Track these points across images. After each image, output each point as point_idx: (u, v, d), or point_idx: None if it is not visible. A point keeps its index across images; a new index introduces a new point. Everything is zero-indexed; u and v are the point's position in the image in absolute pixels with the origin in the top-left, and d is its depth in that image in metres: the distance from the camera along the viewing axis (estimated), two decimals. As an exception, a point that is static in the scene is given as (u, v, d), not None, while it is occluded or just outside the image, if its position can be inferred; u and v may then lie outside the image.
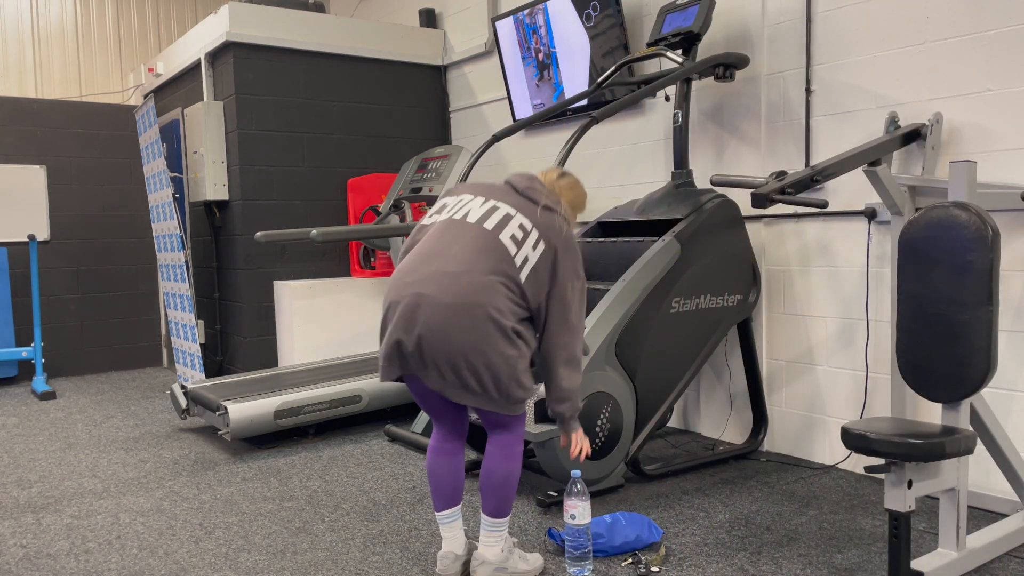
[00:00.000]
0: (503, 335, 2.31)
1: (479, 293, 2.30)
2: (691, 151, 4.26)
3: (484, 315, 2.29)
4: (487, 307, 2.29)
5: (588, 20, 4.59)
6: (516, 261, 2.37)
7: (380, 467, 3.79)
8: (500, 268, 2.34)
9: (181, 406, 4.51)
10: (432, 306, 2.29)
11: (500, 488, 2.46)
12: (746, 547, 2.76)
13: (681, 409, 4.37)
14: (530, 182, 2.52)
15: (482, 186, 2.56)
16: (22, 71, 7.08)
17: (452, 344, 2.28)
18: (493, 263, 2.34)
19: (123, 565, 2.74)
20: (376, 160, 5.91)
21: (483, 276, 2.32)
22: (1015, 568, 2.54)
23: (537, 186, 2.52)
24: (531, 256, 2.39)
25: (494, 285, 2.32)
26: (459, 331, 2.27)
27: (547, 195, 2.50)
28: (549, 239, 2.41)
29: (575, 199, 2.64)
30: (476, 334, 2.28)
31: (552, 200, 2.49)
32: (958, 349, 2.31)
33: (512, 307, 2.35)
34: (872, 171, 2.94)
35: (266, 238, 4.58)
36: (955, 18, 3.15)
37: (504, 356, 2.30)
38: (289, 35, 5.46)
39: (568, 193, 2.61)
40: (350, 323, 5.48)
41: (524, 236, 2.40)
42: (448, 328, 2.28)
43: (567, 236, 2.45)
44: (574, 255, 2.45)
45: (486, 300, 2.30)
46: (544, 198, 2.48)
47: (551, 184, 2.61)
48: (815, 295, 3.71)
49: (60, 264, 6.57)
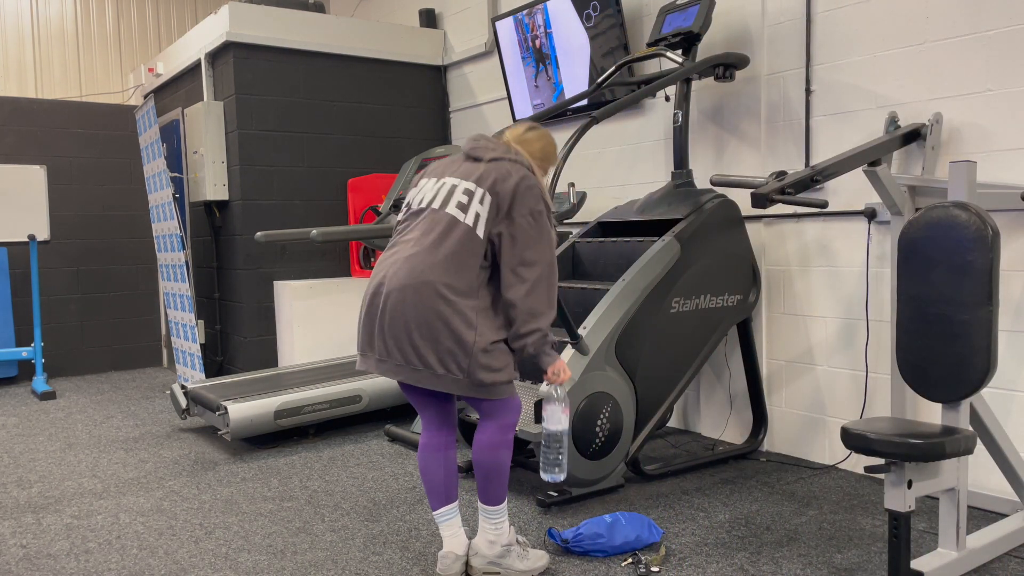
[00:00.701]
0: (455, 313, 2.34)
1: (427, 271, 2.34)
2: (691, 151, 4.26)
3: (433, 292, 2.33)
4: (435, 284, 2.33)
5: (588, 20, 4.59)
6: (468, 221, 2.39)
7: (380, 467, 3.79)
8: (455, 243, 2.37)
9: (181, 406, 4.51)
10: (388, 292, 2.37)
11: (488, 476, 2.48)
12: (746, 547, 2.76)
13: (681, 409, 4.37)
14: (475, 143, 2.55)
15: (439, 165, 2.60)
16: (22, 71, 7.08)
17: (406, 321, 2.34)
18: (445, 239, 2.38)
19: (123, 565, 2.74)
20: (376, 160, 5.91)
21: (433, 255, 2.37)
22: (1015, 568, 2.54)
23: (483, 144, 2.53)
24: (480, 211, 2.40)
25: (446, 262, 2.36)
26: (411, 307, 2.33)
27: (494, 149, 2.50)
28: (495, 188, 2.41)
29: (543, 148, 2.61)
30: (425, 309, 2.33)
31: (502, 151, 2.49)
32: (958, 349, 2.31)
33: (471, 282, 2.37)
34: (872, 171, 2.94)
35: (266, 238, 4.58)
36: (955, 18, 3.15)
37: (456, 334, 2.33)
38: (289, 35, 5.46)
39: (534, 144, 2.60)
40: (350, 323, 5.48)
41: (469, 199, 2.43)
42: (402, 307, 2.34)
43: (521, 179, 2.42)
44: (533, 196, 2.41)
45: (435, 278, 2.34)
46: (490, 152, 2.49)
47: (517, 138, 2.60)
48: (815, 295, 3.71)
49: (60, 264, 6.57)
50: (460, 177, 2.48)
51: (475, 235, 2.39)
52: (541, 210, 2.42)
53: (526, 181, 2.43)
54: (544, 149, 2.62)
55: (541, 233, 2.41)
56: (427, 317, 2.33)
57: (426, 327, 2.33)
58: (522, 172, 2.45)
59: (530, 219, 2.40)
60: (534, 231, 2.40)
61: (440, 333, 2.33)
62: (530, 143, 2.60)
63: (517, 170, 2.45)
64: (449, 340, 2.33)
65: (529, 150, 2.59)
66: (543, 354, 2.44)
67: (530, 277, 2.38)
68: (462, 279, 2.37)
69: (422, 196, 2.53)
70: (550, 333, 2.43)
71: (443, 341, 2.33)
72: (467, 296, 2.37)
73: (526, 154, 2.56)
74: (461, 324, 2.34)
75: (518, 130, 2.63)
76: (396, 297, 2.36)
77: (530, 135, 2.61)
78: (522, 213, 2.40)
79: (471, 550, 2.54)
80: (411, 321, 2.34)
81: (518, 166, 2.47)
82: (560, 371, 2.46)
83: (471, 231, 2.39)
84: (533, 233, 2.40)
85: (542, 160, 2.62)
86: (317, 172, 5.66)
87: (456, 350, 2.34)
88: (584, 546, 2.70)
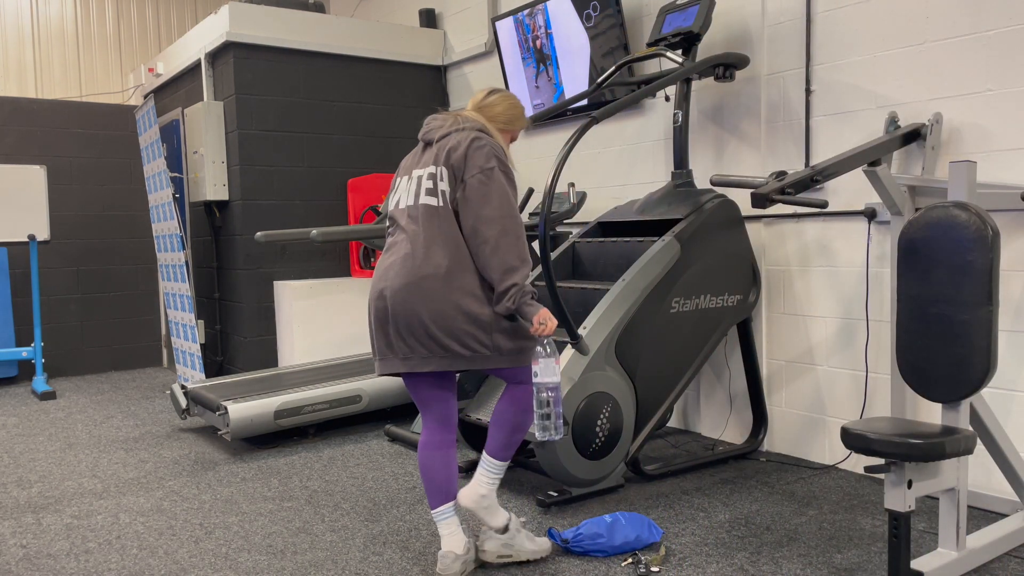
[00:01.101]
0: (463, 293, 2.38)
1: (423, 265, 2.40)
2: (691, 151, 4.26)
3: (435, 281, 2.38)
4: (435, 273, 2.38)
5: (588, 20, 4.59)
6: (440, 203, 2.45)
7: (380, 467, 3.79)
8: (437, 228, 2.43)
9: (181, 406, 4.51)
10: (393, 295, 2.42)
11: (509, 431, 2.55)
12: (746, 547, 2.76)
13: (681, 409, 4.37)
14: (426, 127, 2.58)
15: (405, 162, 2.64)
16: (22, 71, 7.08)
17: (420, 317, 2.38)
18: (429, 229, 2.43)
19: (123, 565, 2.74)
20: (376, 160, 5.91)
21: (424, 247, 2.42)
22: (1015, 568, 2.54)
23: (433, 125, 2.57)
24: (445, 189, 2.45)
25: (438, 249, 2.41)
26: (420, 302, 2.37)
27: (441, 126, 2.53)
28: (449, 162, 2.44)
29: (505, 111, 2.60)
30: (434, 300, 2.37)
31: (449, 125, 2.51)
32: (958, 349, 2.31)
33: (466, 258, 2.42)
34: (872, 171, 2.94)
35: (266, 238, 4.58)
36: (955, 18, 3.15)
37: (470, 314, 2.38)
38: (289, 35, 5.46)
39: (496, 107, 2.59)
40: (350, 323, 5.48)
41: (433, 182, 2.47)
42: (411, 305, 2.38)
43: (470, 143, 2.44)
44: (482, 155, 2.42)
45: (433, 268, 2.39)
46: (439, 131, 2.52)
47: (476, 104, 2.61)
48: (815, 295, 3.71)
49: (60, 264, 6.57)
50: (422, 166, 2.53)
51: (451, 212, 2.44)
52: (492, 167, 2.41)
53: (475, 143, 2.44)
54: (508, 112, 2.61)
55: (491, 189, 2.40)
56: (438, 306, 2.37)
57: (440, 316, 2.37)
58: (470, 136, 2.46)
59: (480, 177, 2.40)
60: (485, 187, 2.39)
61: (454, 318, 2.37)
62: (491, 107, 2.60)
63: (465, 136, 2.46)
64: (465, 322, 2.38)
65: (490, 114, 2.59)
66: (525, 306, 2.39)
67: (491, 234, 2.37)
68: (457, 259, 2.41)
69: (398, 197, 2.58)
70: (527, 285, 2.40)
71: (460, 324, 2.38)
72: (467, 272, 2.41)
73: (485, 119, 2.57)
74: (472, 302, 2.38)
75: (478, 96, 2.64)
76: (401, 297, 2.40)
77: (491, 99, 2.61)
78: (471, 173, 2.41)
79: (481, 536, 2.60)
80: (424, 315, 2.38)
81: (466, 132, 2.48)
82: (546, 320, 2.38)
83: (447, 210, 2.44)
84: (484, 190, 2.39)
85: (506, 123, 2.60)
86: (317, 172, 5.66)
87: (474, 329, 2.38)
88: (584, 546, 2.70)
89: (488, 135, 2.50)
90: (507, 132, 2.62)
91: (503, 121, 2.60)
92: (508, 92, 2.64)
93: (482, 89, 2.67)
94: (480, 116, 2.57)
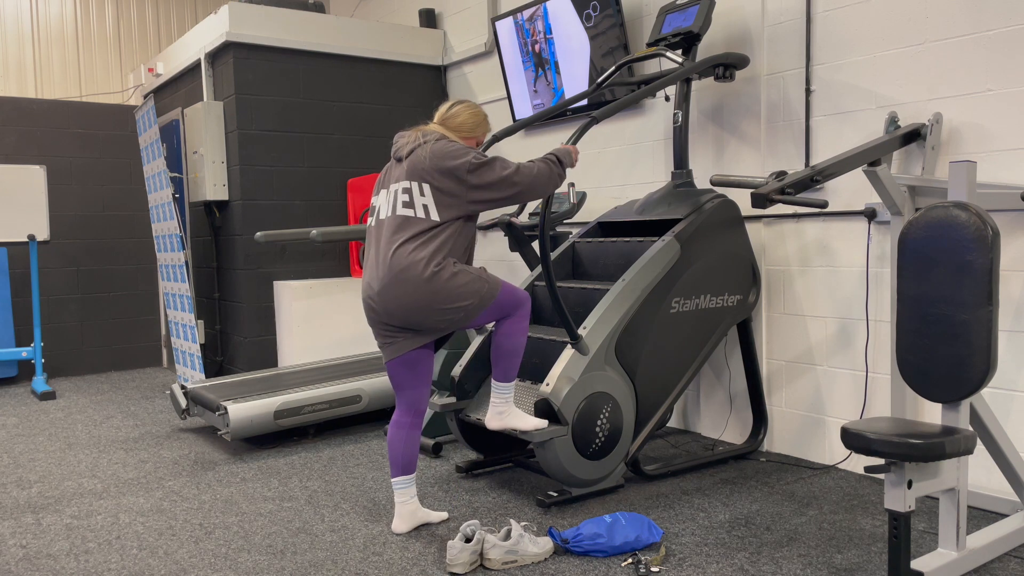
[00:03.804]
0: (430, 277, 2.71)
1: (397, 264, 2.72)
2: (691, 151, 4.26)
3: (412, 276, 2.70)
4: (408, 270, 2.70)
5: (588, 20, 4.59)
6: (420, 214, 2.75)
7: (380, 467, 3.79)
8: (410, 234, 2.73)
9: (181, 406, 4.51)
10: (381, 295, 2.77)
11: (507, 356, 2.95)
12: (746, 547, 2.76)
13: (681, 409, 4.37)
14: (395, 144, 2.89)
15: (382, 176, 2.95)
16: (22, 71, 7.08)
17: (405, 305, 2.73)
18: (403, 235, 2.74)
19: (123, 565, 2.74)
20: (376, 160, 5.91)
21: (398, 250, 2.73)
22: (1015, 568, 2.54)
23: (400, 143, 2.87)
24: (427, 201, 2.75)
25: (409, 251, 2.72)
26: (402, 294, 2.72)
27: (407, 143, 2.83)
28: (423, 177, 2.75)
29: (466, 120, 2.89)
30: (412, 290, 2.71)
31: (412, 142, 2.81)
32: (958, 349, 2.31)
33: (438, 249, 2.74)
34: (872, 171, 2.95)
35: (266, 238, 4.58)
36: (955, 18, 3.15)
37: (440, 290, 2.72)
38: (289, 35, 5.46)
39: (457, 118, 2.88)
40: (350, 323, 5.48)
41: (409, 195, 2.78)
42: (394, 300, 2.74)
43: (433, 155, 2.74)
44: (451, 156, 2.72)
45: (406, 264, 2.70)
46: (405, 148, 2.83)
47: (440, 118, 2.90)
48: (815, 295, 3.71)
49: (60, 264, 6.57)
50: (395, 180, 2.83)
51: (429, 219, 2.74)
52: (467, 160, 2.72)
53: (438, 151, 2.74)
54: (469, 120, 2.89)
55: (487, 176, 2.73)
56: (412, 299, 2.72)
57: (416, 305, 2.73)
58: (430, 148, 2.76)
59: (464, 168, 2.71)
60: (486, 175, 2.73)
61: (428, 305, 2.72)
62: (454, 117, 2.89)
63: (425, 149, 2.77)
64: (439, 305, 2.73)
65: (453, 124, 2.87)
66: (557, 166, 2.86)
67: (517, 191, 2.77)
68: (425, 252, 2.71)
69: (378, 207, 2.89)
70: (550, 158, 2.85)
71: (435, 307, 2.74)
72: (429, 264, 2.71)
73: (448, 130, 2.86)
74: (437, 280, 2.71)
75: (443, 109, 2.92)
76: (384, 295, 2.75)
77: (453, 110, 2.90)
78: (456, 175, 2.72)
79: (486, 543, 2.60)
80: (408, 303, 2.72)
81: (426, 145, 2.77)
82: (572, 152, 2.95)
83: (424, 219, 2.74)
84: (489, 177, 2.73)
85: (470, 130, 2.89)
86: (317, 172, 5.66)
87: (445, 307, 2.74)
88: (584, 546, 2.70)
89: (447, 139, 2.80)
90: (471, 139, 2.91)
91: (467, 129, 2.89)
92: (470, 102, 2.93)
93: (447, 102, 2.93)
94: (443, 128, 2.86)
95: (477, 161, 2.72)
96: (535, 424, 3.00)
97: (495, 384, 3.03)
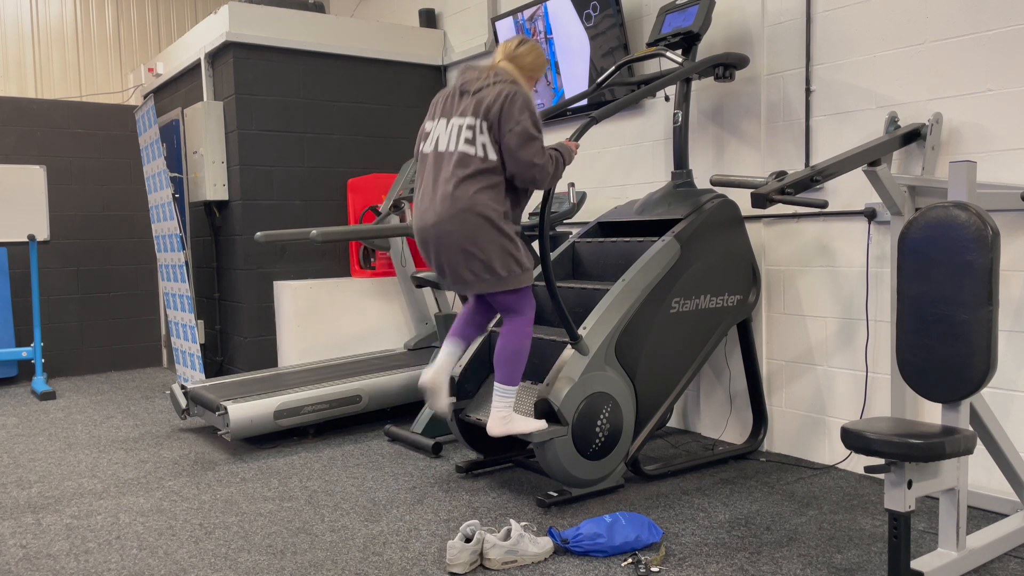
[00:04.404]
0: (491, 225, 2.84)
1: (460, 202, 2.82)
2: (691, 151, 4.26)
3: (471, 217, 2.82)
4: (470, 210, 2.82)
5: (588, 20, 4.59)
6: (479, 154, 2.84)
7: (380, 467, 3.79)
8: (471, 171, 2.84)
9: (181, 406, 4.51)
10: (436, 227, 2.87)
11: (510, 361, 3.00)
12: (746, 547, 2.76)
13: (681, 409, 4.37)
14: (463, 76, 2.97)
15: (439, 106, 3.02)
16: (22, 71, 7.08)
17: (452, 249, 2.86)
18: (464, 171, 2.84)
19: (123, 565, 2.74)
20: (376, 160, 5.91)
21: (461, 186, 2.83)
22: (1015, 568, 2.54)
23: (470, 76, 2.95)
24: (485, 140, 2.85)
25: (472, 190, 2.83)
26: (456, 231, 2.83)
27: (479, 79, 2.92)
28: (488, 116, 2.84)
29: (533, 61, 3.01)
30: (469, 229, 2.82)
31: (484, 79, 2.90)
32: (958, 349, 2.31)
33: (496, 196, 2.86)
34: (872, 171, 2.94)
35: (266, 238, 4.57)
36: (955, 18, 3.15)
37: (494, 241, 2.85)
38: (289, 35, 5.46)
39: (525, 58, 2.99)
40: (350, 323, 5.48)
41: (472, 132, 2.87)
42: (447, 239, 2.85)
43: (505, 99, 2.83)
44: (516, 108, 2.81)
45: (469, 204, 2.82)
46: (475, 84, 2.91)
47: (508, 54, 2.99)
48: (815, 295, 3.71)
49: (60, 264, 6.57)
50: (459, 115, 2.91)
51: (488, 160, 2.84)
52: (523, 119, 2.81)
53: (509, 99, 2.82)
54: (535, 61, 3.01)
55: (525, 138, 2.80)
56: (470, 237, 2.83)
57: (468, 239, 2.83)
58: (505, 91, 2.84)
59: (518, 130, 2.80)
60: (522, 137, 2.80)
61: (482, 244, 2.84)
62: (521, 57, 2.99)
63: (500, 90, 2.85)
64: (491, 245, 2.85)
65: (520, 64, 2.97)
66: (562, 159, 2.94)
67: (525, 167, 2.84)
68: (480, 199, 2.82)
69: (436, 138, 2.97)
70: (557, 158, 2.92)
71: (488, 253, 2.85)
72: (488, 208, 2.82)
73: (515, 69, 2.96)
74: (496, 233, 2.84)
75: (510, 45, 3.01)
76: (439, 228, 2.86)
77: (520, 49, 3.00)
78: (510, 127, 2.80)
79: (484, 543, 2.60)
80: (455, 241, 2.84)
81: (500, 86, 2.86)
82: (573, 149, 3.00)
83: (484, 159, 2.84)
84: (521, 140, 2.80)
85: (532, 71, 3.01)
86: (317, 172, 5.66)
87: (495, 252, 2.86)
88: (584, 546, 2.70)
89: (519, 87, 2.87)
90: (532, 79, 3.04)
91: (529, 70, 3.00)
92: (533, 42, 3.02)
93: (512, 38, 3.05)
94: (511, 66, 2.96)
95: (528, 132, 2.80)
96: (536, 426, 3.01)
97: (497, 387, 3.03)
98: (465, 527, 2.65)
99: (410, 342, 5.39)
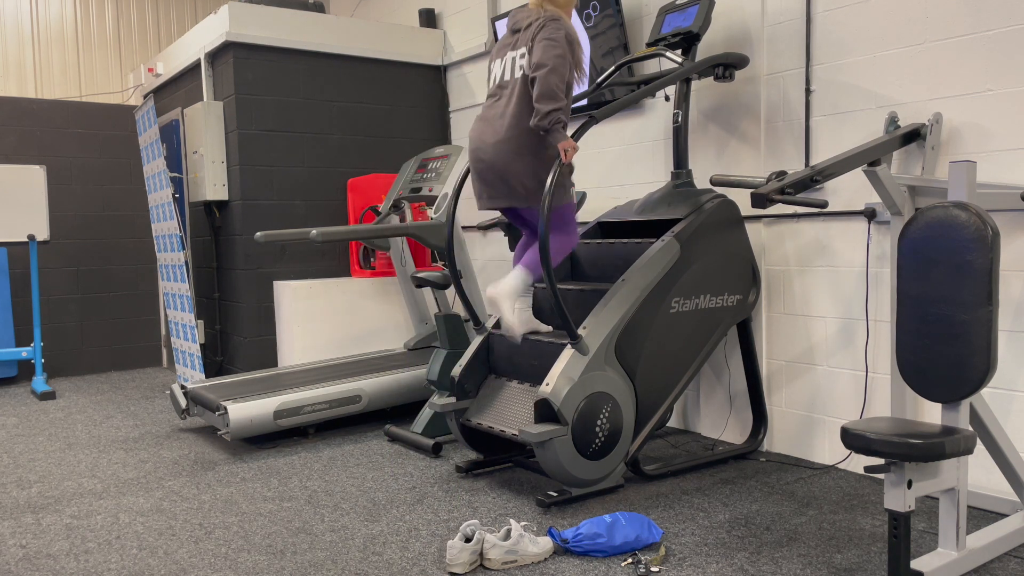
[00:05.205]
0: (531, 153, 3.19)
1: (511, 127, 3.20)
2: (691, 151, 4.26)
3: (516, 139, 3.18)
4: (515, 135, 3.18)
5: (588, 20, 4.58)
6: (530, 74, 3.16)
7: (380, 467, 3.79)
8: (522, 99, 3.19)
9: (181, 406, 4.51)
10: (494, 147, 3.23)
11: (532, 262, 3.35)
12: (746, 547, 2.76)
13: (681, 409, 4.37)
14: (514, 17, 3.34)
15: (498, 47, 3.41)
16: (22, 71, 7.08)
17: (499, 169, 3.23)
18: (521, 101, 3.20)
19: (123, 565, 2.74)
20: (376, 160, 5.91)
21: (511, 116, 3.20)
22: (1015, 568, 2.54)
23: (519, 16, 3.32)
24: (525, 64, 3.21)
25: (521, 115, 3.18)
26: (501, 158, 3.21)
27: (527, 16, 3.27)
28: (531, 46, 3.18)
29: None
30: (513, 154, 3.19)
31: (533, 16, 3.24)
32: (958, 349, 2.31)
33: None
34: (872, 171, 2.94)
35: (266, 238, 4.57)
36: (955, 18, 3.15)
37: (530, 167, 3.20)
38: (289, 35, 5.46)
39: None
40: (350, 323, 5.49)
41: (526, 60, 3.21)
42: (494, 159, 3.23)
43: (543, 26, 3.17)
44: (550, 28, 3.15)
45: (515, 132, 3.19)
46: (525, 20, 3.27)
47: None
48: (815, 295, 3.71)
49: (60, 264, 6.57)
50: (512, 49, 3.32)
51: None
52: (552, 35, 3.13)
53: (549, 25, 3.17)
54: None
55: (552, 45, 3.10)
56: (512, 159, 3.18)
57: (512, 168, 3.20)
58: (546, 20, 3.19)
59: (544, 42, 3.13)
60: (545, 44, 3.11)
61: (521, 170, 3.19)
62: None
63: (543, 21, 3.19)
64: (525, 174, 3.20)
65: (558, 2, 3.30)
66: (556, 132, 3.11)
67: (543, 72, 3.09)
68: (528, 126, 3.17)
69: (499, 72, 3.36)
70: (563, 117, 3.10)
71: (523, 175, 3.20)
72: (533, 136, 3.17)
73: (555, 7, 3.29)
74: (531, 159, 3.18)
75: None
76: (491, 152, 3.22)
77: None
78: (539, 41, 3.14)
79: (484, 544, 2.61)
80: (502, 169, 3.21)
81: (543, 19, 3.20)
82: (569, 148, 3.10)
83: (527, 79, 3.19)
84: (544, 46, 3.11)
85: (565, 6, 3.33)
86: (317, 172, 5.66)
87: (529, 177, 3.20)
88: (584, 546, 2.70)
89: (561, 21, 3.20)
90: (567, 10, 3.35)
91: (562, 5, 3.32)
92: None
93: None
94: (551, 5, 3.29)
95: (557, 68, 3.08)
96: (514, 322, 3.28)
97: (519, 267, 3.33)
98: (465, 527, 2.65)
99: (410, 342, 5.39)
